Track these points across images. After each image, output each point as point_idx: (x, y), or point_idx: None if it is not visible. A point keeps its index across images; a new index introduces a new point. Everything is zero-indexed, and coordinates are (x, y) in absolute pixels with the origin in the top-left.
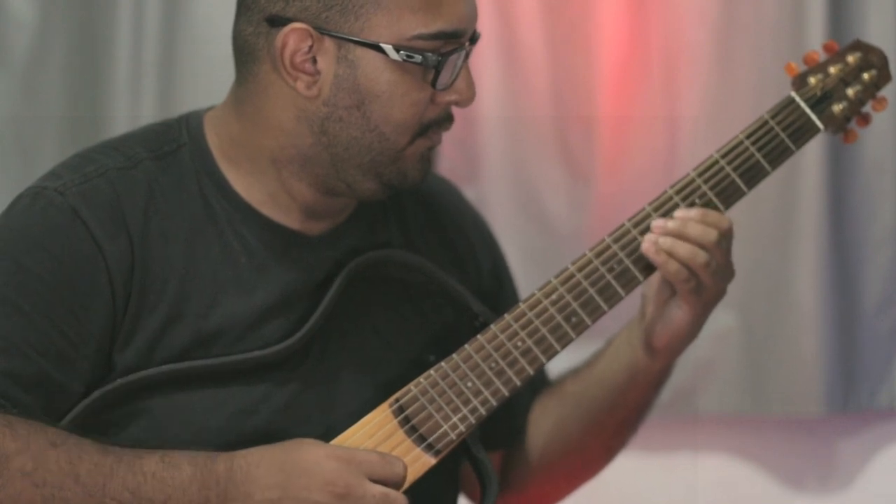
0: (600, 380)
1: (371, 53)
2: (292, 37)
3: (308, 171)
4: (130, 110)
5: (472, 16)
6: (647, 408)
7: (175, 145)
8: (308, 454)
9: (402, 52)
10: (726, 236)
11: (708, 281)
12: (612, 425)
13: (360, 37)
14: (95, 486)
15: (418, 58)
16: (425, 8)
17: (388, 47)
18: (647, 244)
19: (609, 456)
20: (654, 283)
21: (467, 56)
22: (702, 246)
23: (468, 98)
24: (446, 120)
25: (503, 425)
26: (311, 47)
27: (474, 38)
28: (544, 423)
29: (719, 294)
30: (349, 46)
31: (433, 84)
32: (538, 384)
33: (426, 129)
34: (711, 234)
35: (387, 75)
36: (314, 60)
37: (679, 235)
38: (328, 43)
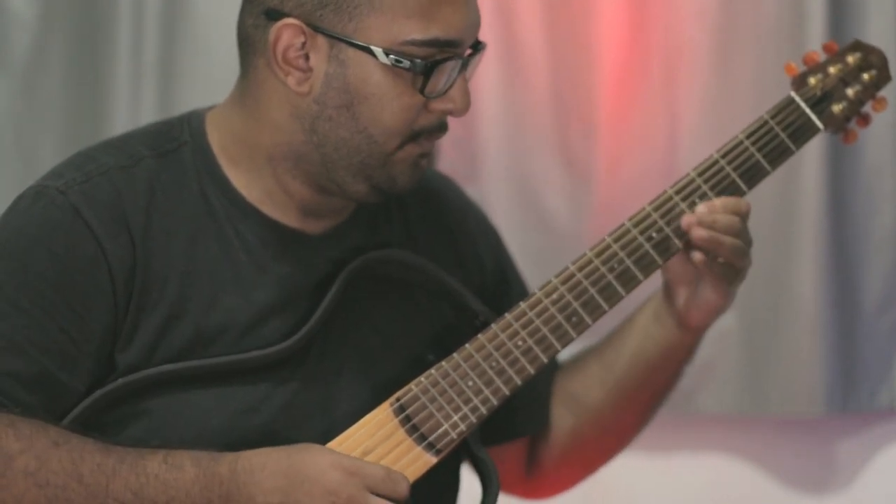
0: (633, 360)
1: (362, 55)
2: (286, 32)
3: (301, 168)
4: (130, 110)
5: (472, 25)
6: (678, 379)
7: (176, 144)
8: (313, 461)
9: (391, 55)
10: (746, 218)
11: (742, 265)
12: (645, 400)
13: (353, 37)
14: (98, 487)
15: (407, 63)
16: (420, 14)
17: (378, 50)
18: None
19: (642, 425)
20: (674, 269)
21: (465, 66)
22: (733, 235)
23: (461, 108)
24: (439, 129)
25: (527, 412)
26: (304, 44)
27: (478, 48)
28: (573, 406)
29: (747, 267)
30: (341, 46)
31: (421, 91)
32: (556, 366)
33: (417, 135)
34: (736, 221)
35: (376, 78)
36: (307, 57)
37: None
38: (321, 41)
